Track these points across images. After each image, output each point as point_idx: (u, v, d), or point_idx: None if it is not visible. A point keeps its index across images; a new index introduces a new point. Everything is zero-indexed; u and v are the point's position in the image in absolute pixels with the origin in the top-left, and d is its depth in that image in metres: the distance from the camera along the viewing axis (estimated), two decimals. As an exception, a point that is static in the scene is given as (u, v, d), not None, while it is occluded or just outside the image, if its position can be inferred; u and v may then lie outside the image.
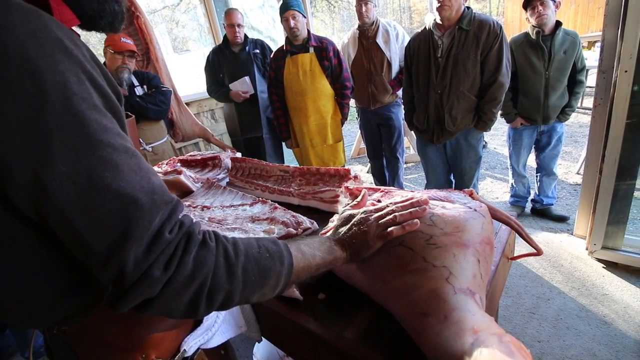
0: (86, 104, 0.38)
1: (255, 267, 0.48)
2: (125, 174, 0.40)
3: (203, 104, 3.60)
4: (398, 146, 2.63)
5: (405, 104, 2.17)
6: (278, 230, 0.99)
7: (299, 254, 0.56)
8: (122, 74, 2.04)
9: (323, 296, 0.75)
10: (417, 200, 0.64)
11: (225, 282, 0.44)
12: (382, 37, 2.33)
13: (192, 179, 1.42)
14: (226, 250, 0.46)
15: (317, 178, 1.24)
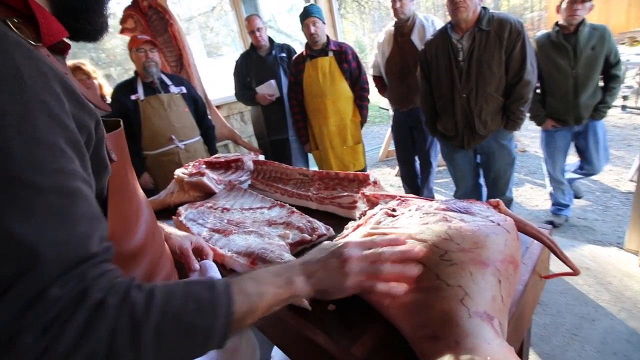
0: (22, 137, 0.35)
1: (175, 326, 0.41)
2: (37, 219, 0.35)
3: (233, 106, 3.70)
4: (431, 150, 2.54)
5: (426, 111, 2.10)
6: (293, 235, 0.98)
7: (242, 295, 0.47)
8: (150, 69, 2.13)
9: (333, 307, 0.72)
10: (411, 250, 0.56)
11: (128, 349, 0.37)
12: (417, 34, 2.25)
13: (215, 181, 1.45)
14: (133, 311, 0.39)
15: (335, 182, 1.21)
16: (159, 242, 0.70)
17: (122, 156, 0.59)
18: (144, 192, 0.71)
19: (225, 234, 1.06)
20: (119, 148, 0.59)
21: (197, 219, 1.21)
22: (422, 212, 0.64)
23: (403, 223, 0.63)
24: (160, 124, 2.19)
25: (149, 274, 0.62)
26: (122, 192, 0.59)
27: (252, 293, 0.48)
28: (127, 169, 0.62)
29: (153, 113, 2.17)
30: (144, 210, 0.65)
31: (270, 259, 0.84)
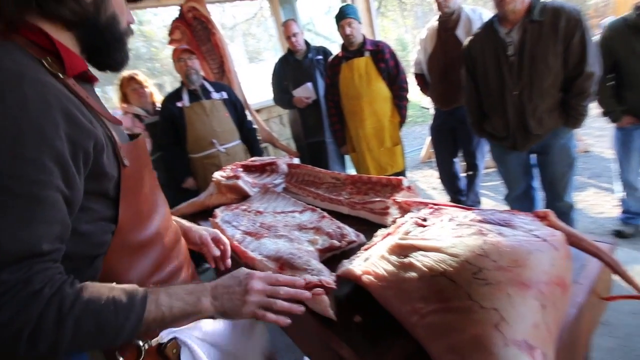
0: (11, 154, 0.47)
1: (92, 321, 0.51)
2: (5, 218, 0.47)
3: (272, 110, 3.78)
4: (478, 151, 2.38)
5: (472, 111, 1.94)
6: (322, 241, 0.96)
7: (154, 306, 0.56)
8: (191, 77, 2.25)
9: (359, 319, 0.69)
10: (303, 293, 0.66)
11: (50, 332, 0.47)
12: (463, 28, 2.11)
13: (250, 184, 1.48)
14: (62, 303, 0.49)
15: (368, 187, 1.17)
16: (172, 237, 0.80)
17: (137, 163, 0.70)
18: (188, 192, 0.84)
19: (257, 237, 1.08)
20: (134, 156, 0.69)
21: (232, 221, 1.25)
22: (455, 223, 0.59)
23: (433, 234, 0.59)
24: (203, 128, 2.30)
25: (158, 263, 0.73)
26: (135, 192, 0.69)
27: (164, 305, 0.57)
28: (143, 173, 0.73)
29: (196, 118, 2.29)
30: (159, 209, 0.76)
31: (297, 265, 0.83)
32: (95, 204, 0.61)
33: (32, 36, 0.57)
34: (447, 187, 2.62)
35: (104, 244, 0.63)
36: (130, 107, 2.41)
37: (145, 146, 0.79)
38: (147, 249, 0.71)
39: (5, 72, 0.50)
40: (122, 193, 0.64)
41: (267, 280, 0.66)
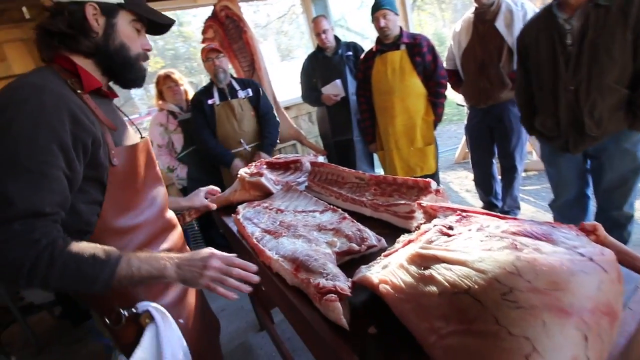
0: (28, 140, 0.66)
1: (74, 268, 0.66)
2: (21, 185, 0.64)
3: (301, 107, 3.78)
4: (517, 152, 2.20)
5: (522, 106, 1.77)
6: (340, 244, 0.92)
7: (125, 265, 0.71)
8: (219, 75, 2.29)
9: (374, 331, 0.64)
10: (252, 276, 0.81)
11: (43, 270, 0.64)
12: (503, 20, 1.95)
13: (273, 182, 1.47)
14: (53, 250, 0.65)
15: (393, 189, 1.11)
16: (162, 226, 0.99)
17: (131, 163, 0.88)
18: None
19: (276, 236, 1.06)
20: (128, 157, 0.87)
21: (253, 218, 1.24)
22: (484, 234, 0.52)
23: (459, 245, 0.53)
24: (231, 128, 2.35)
25: (141, 245, 0.88)
26: (123, 186, 0.85)
27: (134, 266, 0.72)
28: (136, 171, 0.90)
29: (225, 118, 2.34)
30: (153, 202, 0.95)
31: (312, 268, 0.80)
32: (91, 188, 0.80)
33: (64, 63, 0.81)
34: (482, 190, 2.46)
35: (90, 223, 0.80)
36: (165, 104, 2.50)
37: (148, 149, 0.97)
38: (131, 234, 0.88)
39: (33, 85, 0.72)
40: (108, 186, 0.81)
41: (224, 260, 0.80)
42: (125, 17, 0.85)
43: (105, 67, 0.86)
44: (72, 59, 0.81)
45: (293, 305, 0.81)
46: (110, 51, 0.83)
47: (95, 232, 0.80)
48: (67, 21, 0.79)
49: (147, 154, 0.97)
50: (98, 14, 0.81)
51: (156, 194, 0.98)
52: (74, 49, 0.81)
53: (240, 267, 0.80)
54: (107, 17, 0.82)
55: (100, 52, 0.83)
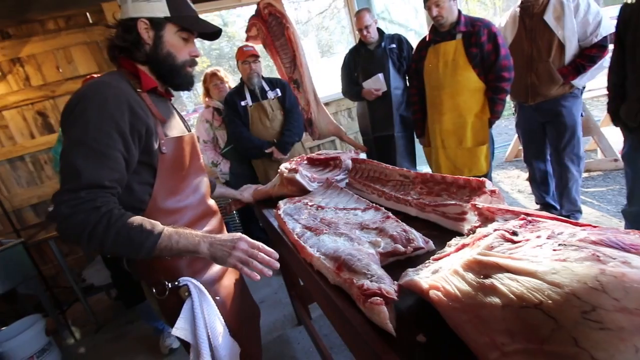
0: (94, 127, 0.80)
1: (126, 234, 0.78)
2: (87, 160, 0.78)
3: (341, 103, 3.74)
4: (570, 150, 2.00)
5: (611, 88, 1.58)
6: (384, 244, 0.88)
7: (166, 238, 0.82)
8: (253, 79, 2.35)
9: (423, 339, 0.61)
10: (274, 263, 0.89)
11: (101, 233, 0.76)
12: (552, 13, 1.80)
13: (309, 178, 1.46)
14: (110, 217, 0.77)
15: (441, 188, 1.05)
16: (203, 211, 1.09)
17: (177, 152, 0.99)
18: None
19: (317, 233, 1.05)
20: (175, 147, 0.98)
21: (294, 214, 1.24)
22: (557, 242, 0.46)
23: (527, 254, 0.47)
24: (263, 128, 2.40)
25: (184, 226, 0.94)
26: (171, 172, 0.98)
27: (173, 239, 0.83)
28: (182, 160, 1.01)
29: (258, 119, 2.40)
30: (197, 189, 1.07)
31: (355, 268, 0.77)
32: (143, 171, 0.92)
33: (128, 67, 0.97)
34: (537, 191, 2.27)
35: (143, 201, 0.93)
36: (211, 101, 2.60)
37: (193, 142, 1.08)
38: (177, 215, 1.00)
39: (101, 83, 0.87)
40: (158, 170, 0.94)
41: (251, 245, 0.89)
42: (171, 29, 0.95)
43: (156, 73, 0.99)
44: (135, 64, 0.96)
45: (335, 304, 0.79)
46: (159, 59, 0.96)
47: (147, 210, 0.93)
48: (124, 35, 0.94)
49: (192, 146, 1.07)
50: (149, 28, 0.93)
51: (199, 182, 1.09)
52: (132, 57, 0.96)
53: (265, 253, 0.88)
54: (155, 30, 0.94)
55: (151, 60, 0.96)
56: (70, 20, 2.67)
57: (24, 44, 2.64)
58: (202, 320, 0.97)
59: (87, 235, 0.75)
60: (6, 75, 2.66)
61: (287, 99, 2.42)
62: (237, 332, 1.07)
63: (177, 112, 1.15)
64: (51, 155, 2.70)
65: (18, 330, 2.15)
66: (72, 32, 2.67)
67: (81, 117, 0.81)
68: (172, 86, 1.05)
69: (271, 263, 0.88)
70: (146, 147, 0.90)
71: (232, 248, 0.86)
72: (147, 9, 0.92)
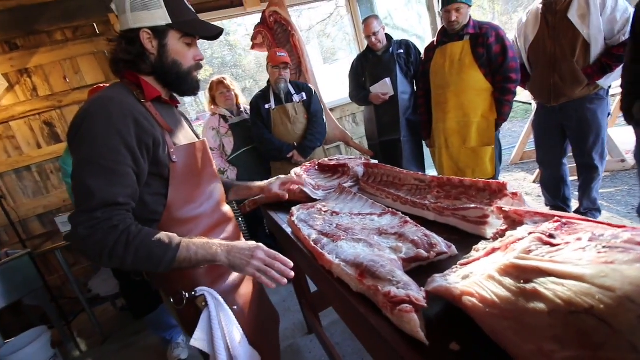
0: (101, 143, 0.79)
1: (145, 250, 0.79)
2: (98, 179, 0.77)
3: (346, 108, 3.75)
4: (596, 151, 1.98)
5: (625, 86, 1.57)
6: (406, 250, 0.87)
7: (184, 250, 0.82)
8: (280, 84, 2.38)
9: (456, 347, 0.59)
10: (289, 272, 0.91)
11: (121, 252, 0.77)
12: (576, 10, 1.77)
13: (312, 186, 1.45)
14: (129, 235, 0.77)
15: (459, 191, 1.04)
16: (219, 218, 1.08)
17: (189, 160, 0.98)
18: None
19: (334, 239, 1.03)
20: (186, 155, 0.97)
21: (308, 220, 1.23)
22: (601, 244, 0.45)
23: (569, 257, 0.46)
24: (285, 130, 2.41)
25: (200, 234, 0.96)
26: (184, 181, 0.96)
27: (191, 250, 0.83)
28: (194, 167, 1.00)
29: (280, 121, 2.41)
30: (211, 196, 1.05)
31: (379, 275, 0.76)
32: (154, 182, 0.91)
33: (131, 78, 0.94)
34: (549, 194, 2.24)
35: (157, 212, 0.92)
36: (217, 109, 2.61)
37: (204, 148, 1.07)
38: (191, 224, 0.98)
39: (104, 98, 0.85)
40: (171, 180, 0.93)
41: (268, 254, 0.90)
42: (175, 35, 0.93)
43: (163, 82, 0.98)
44: (138, 75, 0.95)
45: (359, 313, 0.77)
46: (165, 68, 0.95)
47: (162, 221, 0.92)
48: (127, 48, 0.91)
49: (204, 153, 1.06)
50: (152, 38, 0.91)
51: (213, 189, 1.08)
52: (137, 69, 0.94)
53: (281, 262, 0.90)
54: (159, 39, 0.92)
55: (156, 70, 0.95)
56: (77, 31, 2.70)
57: (32, 55, 2.66)
58: (219, 331, 0.95)
59: (107, 254, 0.76)
60: (14, 86, 2.68)
61: (312, 104, 2.44)
62: (256, 341, 1.05)
63: (186, 119, 1.15)
64: (58, 165, 2.70)
65: (24, 342, 2.13)
66: (79, 43, 2.70)
67: (88, 135, 0.80)
68: (180, 92, 1.03)
69: (287, 272, 0.89)
70: (155, 159, 0.89)
71: (250, 257, 0.87)
72: (148, 18, 0.89)
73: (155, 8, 0.89)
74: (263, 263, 0.88)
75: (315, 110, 2.45)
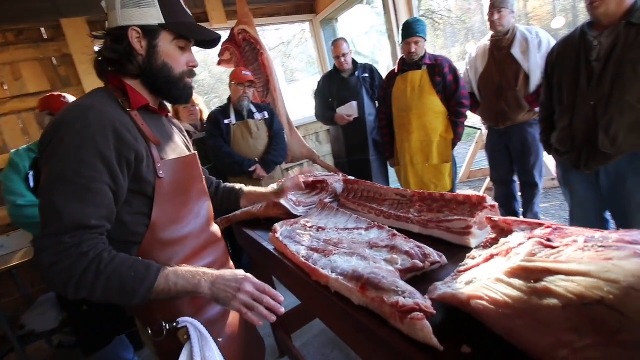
0: (75, 157, 0.70)
1: (118, 281, 0.70)
2: (68, 198, 0.69)
3: (309, 127, 3.82)
4: (536, 170, 2.27)
5: (542, 121, 1.83)
6: (402, 261, 0.90)
7: (163, 279, 0.74)
8: (243, 102, 2.36)
9: (468, 350, 0.62)
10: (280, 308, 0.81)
11: (90, 282, 0.68)
12: (519, 47, 2.07)
13: (293, 202, 1.46)
14: (100, 263, 0.69)
15: (441, 205, 1.11)
16: (207, 238, 1.00)
17: (177, 175, 0.90)
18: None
19: (326, 254, 1.03)
20: (174, 170, 0.89)
21: (293, 236, 1.21)
22: (597, 244, 0.52)
23: (573, 257, 0.52)
24: (246, 146, 2.37)
25: (187, 258, 0.91)
26: (170, 198, 0.88)
27: (171, 281, 0.75)
28: (182, 184, 0.92)
29: (241, 136, 2.36)
30: (199, 214, 0.97)
31: (383, 286, 0.77)
32: (135, 200, 0.82)
33: (115, 83, 0.86)
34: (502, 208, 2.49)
35: (138, 234, 0.83)
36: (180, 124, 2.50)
37: (194, 163, 0.99)
38: (177, 246, 0.90)
39: (81, 106, 0.76)
40: (156, 197, 0.84)
41: (257, 287, 0.81)
42: (167, 37, 0.86)
43: (151, 87, 0.90)
44: (123, 79, 0.86)
45: (363, 325, 0.77)
46: (154, 71, 0.87)
47: (144, 244, 0.84)
48: (113, 46, 0.83)
49: (194, 168, 0.99)
50: (141, 37, 0.84)
51: (202, 206, 1.00)
52: (122, 71, 0.86)
53: (270, 297, 0.82)
54: (149, 39, 0.84)
55: (144, 73, 0.87)
56: (21, 35, 2.43)
57: (-39, 57, 2.35)
58: None
59: (74, 284, 0.68)
60: None
61: (274, 123, 2.44)
62: None
63: (177, 129, 1.07)
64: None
65: None
66: (22, 47, 2.44)
67: (60, 148, 0.71)
68: (169, 99, 0.95)
69: (277, 308, 0.81)
70: (136, 175, 0.80)
71: (237, 290, 0.78)
72: (139, 16, 0.82)
73: (148, 6, 0.83)
74: (251, 297, 0.79)
75: (277, 129, 2.48)
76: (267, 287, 0.83)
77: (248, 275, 0.83)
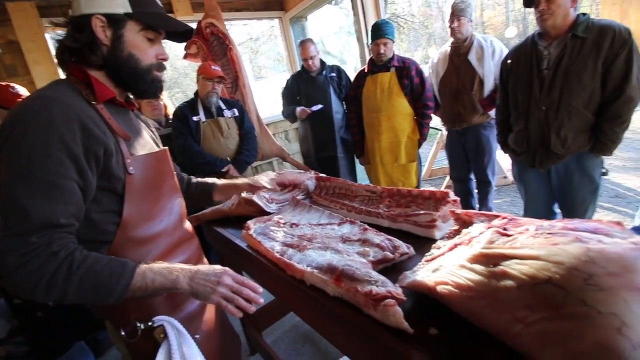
0: (40, 152, 0.66)
1: (91, 280, 0.68)
2: (34, 196, 0.65)
3: (279, 125, 3.81)
4: (489, 169, 2.45)
5: (499, 123, 1.99)
6: (374, 253, 0.95)
7: (140, 277, 0.73)
8: (211, 98, 2.30)
9: (435, 332, 0.67)
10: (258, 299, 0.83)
11: (61, 283, 0.65)
12: (475, 54, 2.23)
13: (266, 199, 1.46)
14: (72, 262, 0.66)
15: (408, 200, 1.18)
16: (181, 235, 0.99)
17: (148, 171, 0.87)
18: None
19: (300, 249, 1.06)
20: (145, 166, 0.86)
21: (267, 233, 1.22)
22: (546, 232, 0.59)
23: (525, 243, 0.59)
24: (217, 145, 2.32)
25: (161, 256, 0.88)
26: (142, 195, 0.85)
27: (148, 278, 0.73)
28: (154, 180, 0.90)
29: (211, 135, 2.31)
30: (171, 210, 0.95)
31: (357, 277, 0.81)
32: (104, 198, 0.80)
33: (78, 75, 0.82)
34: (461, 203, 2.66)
35: (108, 233, 0.80)
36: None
37: (165, 158, 0.96)
38: (150, 244, 0.87)
39: (44, 98, 0.72)
40: (127, 195, 0.82)
41: (236, 279, 0.81)
42: (134, 27, 0.83)
43: (116, 79, 0.86)
44: (86, 70, 0.82)
45: (339, 315, 0.81)
46: (119, 63, 0.83)
47: (114, 243, 0.81)
48: (74, 35, 0.80)
49: (165, 163, 0.97)
50: (105, 26, 0.80)
51: (174, 203, 0.99)
52: (84, 62, 0.82)
53: (249, 288, 0.82)
54: (114, 28, 0.81)
55: (109, 64, 0.83)
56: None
57: None
58: None
59: (44, 286, 0.64)
60: None
61: (245, 121, 2.40)
62: None
63: (145, 124, 1.04)
64: None
65: None
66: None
67: (22, 142, 0.67)
68: (136, 93, 0.91)
69: (256, 299, 0.83)
70: (105, 171, 0.77)
71: (216, 283, 0.78)
72: (104, 4, 0.78)
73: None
74: (230, 290, 0.79)
75: (248, 127, 2.46)
76: (245, 280, 0.84)
77: (226, 269, 0.83)
